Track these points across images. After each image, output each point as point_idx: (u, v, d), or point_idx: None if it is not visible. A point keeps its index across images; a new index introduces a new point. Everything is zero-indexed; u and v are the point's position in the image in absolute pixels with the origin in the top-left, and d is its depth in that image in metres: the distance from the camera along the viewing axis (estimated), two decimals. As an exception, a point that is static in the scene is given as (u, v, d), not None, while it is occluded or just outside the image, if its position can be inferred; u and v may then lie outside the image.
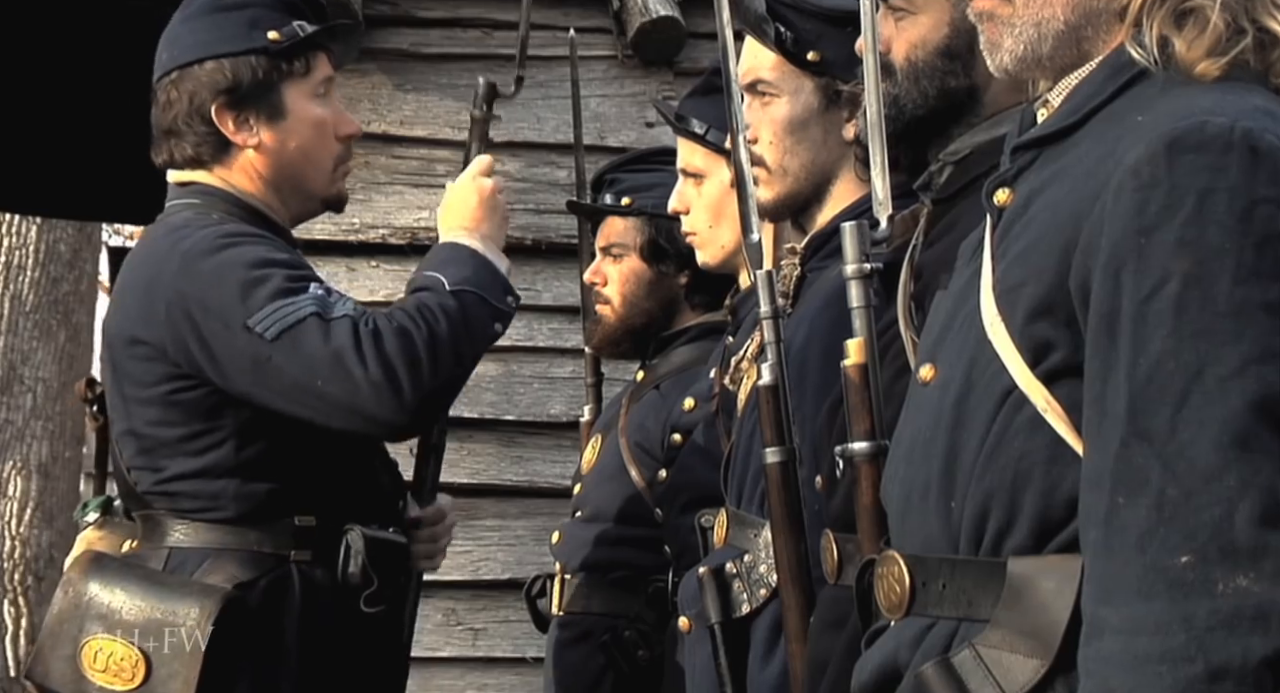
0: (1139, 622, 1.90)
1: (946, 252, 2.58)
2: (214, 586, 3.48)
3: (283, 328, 3.41)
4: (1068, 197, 2.06)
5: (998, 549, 2.09)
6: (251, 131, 3.65)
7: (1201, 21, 2.08)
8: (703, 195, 3.94)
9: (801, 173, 3.35)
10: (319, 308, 3.43)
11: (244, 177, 3.68)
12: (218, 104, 3.63)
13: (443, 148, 5.66)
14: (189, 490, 3.55)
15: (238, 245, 3.51)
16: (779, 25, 3.32)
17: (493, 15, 5.71)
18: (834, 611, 2.76)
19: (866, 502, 2.48)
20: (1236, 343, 1.91)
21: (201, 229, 3.55)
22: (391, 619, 3.74)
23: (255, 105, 3.64)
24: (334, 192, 3.76)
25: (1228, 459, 1.89)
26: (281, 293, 3.44)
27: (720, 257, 3.96)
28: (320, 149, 3.71)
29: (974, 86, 2.78)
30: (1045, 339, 2.05)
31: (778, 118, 3.36)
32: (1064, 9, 2.16)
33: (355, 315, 3.44)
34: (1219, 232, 1.93)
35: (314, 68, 3.69)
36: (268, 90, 3.64)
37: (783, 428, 3.02)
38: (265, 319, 3.42)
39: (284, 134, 3.67)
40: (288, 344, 3.41)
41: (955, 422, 2.13)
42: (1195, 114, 1.99)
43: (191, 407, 3.53)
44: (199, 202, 3.66)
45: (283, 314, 3.42)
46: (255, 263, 3.48)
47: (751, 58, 3.38)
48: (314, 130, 3.69)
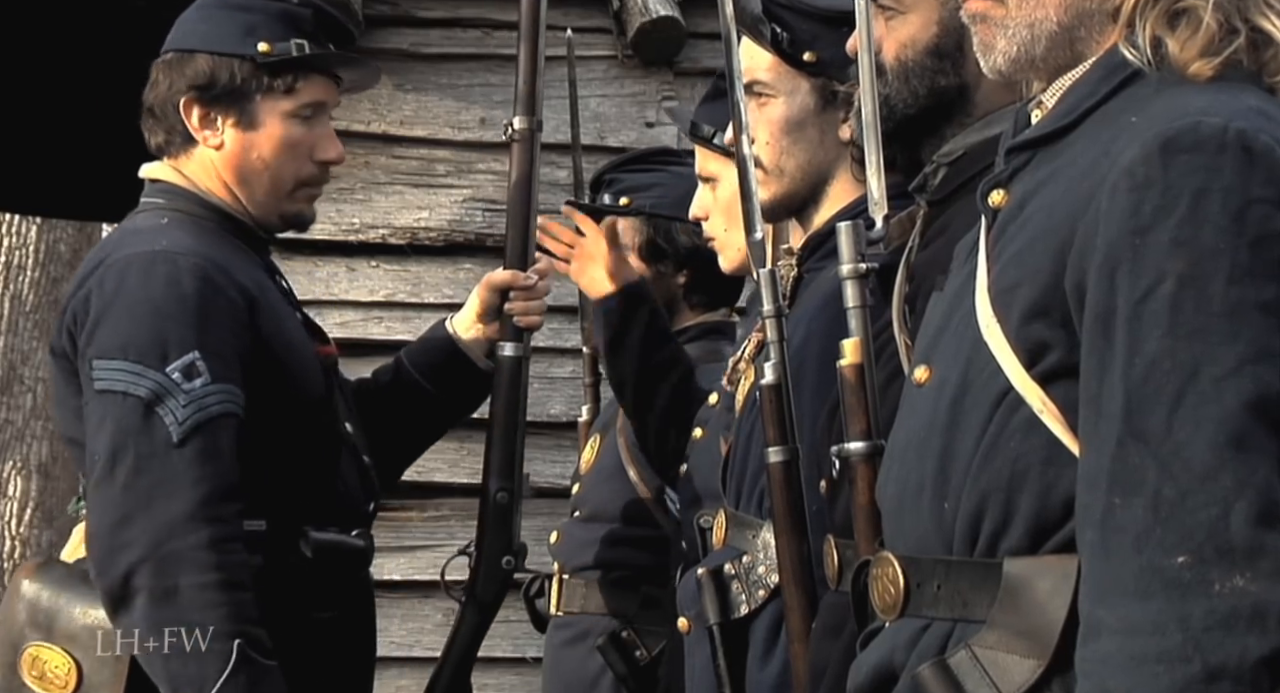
0: (1136, 622, 1.90)
1: (941, 253, 2.58)
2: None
3: (106, 389, 3.38)
4: (1062, 197, 2.06)
5: (993, 550, 2.09)
6: (216, 131, 3.63)
7: (1195, 22, 2.08)
8: (718, 199, 3.94)
9: (798, 173, 3.36)
10: (153, 394, 3.38)
11: (205, 174, 3.65)
12: (188, 97, 3.61)
13: (443, 148, 5.66)
14: None
15: (161, 274, 3.44)
16: (775, 26, 3.33)
17: (493, 15, 5.71)
18: (834, 617, 2.76)
19: (862, 502, 2.48)
20: (1232, 343, 1.91)
21: (141, 243, 3.51)
22: (352, 624, 3.67)
23: (226, 107, 3.62)
24: (293, 210, 3.71)
25: (1223, 459, 1.89)
26: (139, 352, 3.39)
27: (738, 260, 3.95)
28: (285, 167, 3.66)
29: (964, 85, 2.79)
30: (1041, 340, 2.05)
31: (774, 118, 3.36)
32: (1057, 10, 2.16)
33: (188, 426, 3.37)
34: (1214, 232, 1.93)
35: (299, 90, 3.65)
36: (242, 98, 3.62)
37: (785, 427, 3.02)
38: (104, 370, 3.39)
39: (249, 143, 3.63)
40: (98, 406, 3.38)
41: (950, 423, 2.13)
42: (1189, 114, 1.99)
43: None
44: (161, 201, 3.64)
45: (118, 376, 3.38)
46: (159, 299, 3.41)
47: (748, 59, 3.39)
48: (283, 148, 3.64)
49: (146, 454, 3.35)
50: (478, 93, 5.53)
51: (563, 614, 4.48)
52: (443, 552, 5.44)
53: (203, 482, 3.34)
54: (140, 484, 3.33)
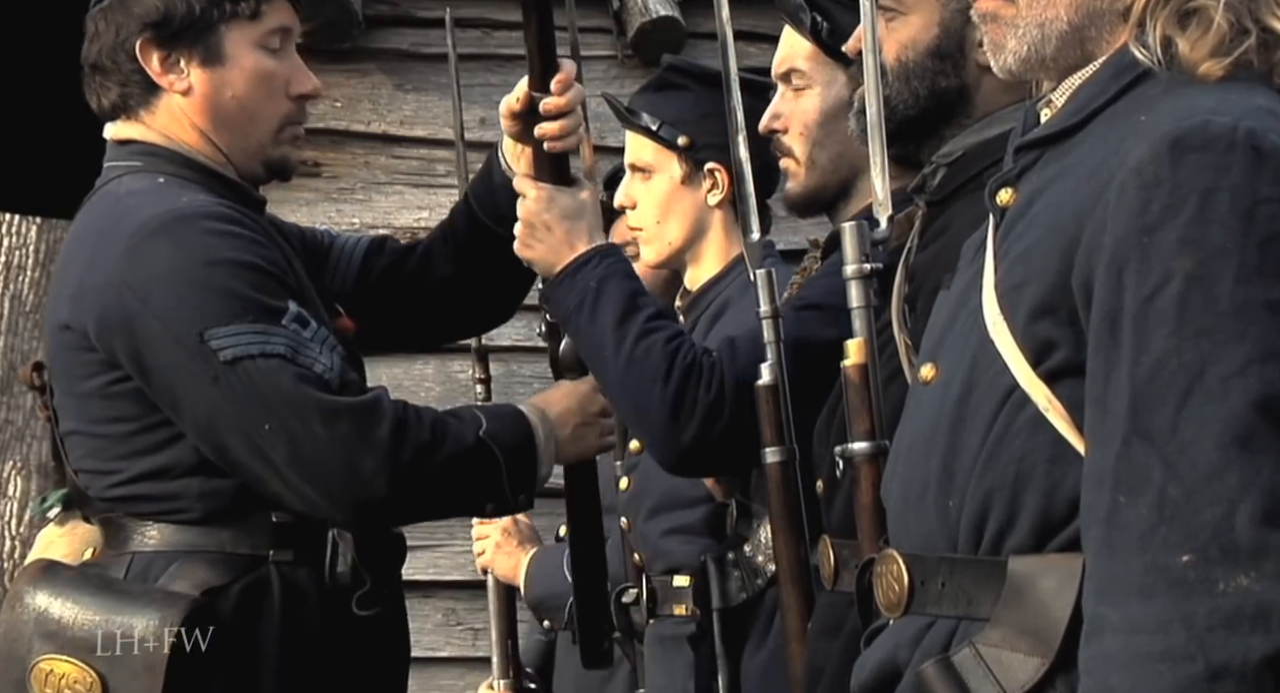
0: (1139, 621, 1.90)
1: (940, 254, 2.59)
2: (178, 593, 3.09)
3: (243, 355, 3.03)
4: (1070, 196, 2.07)
5: (998, 548, 2.09)
6: (181, 74, 3.20)
7: (1205, 22, 2.08)
8: (650, 191, 3.94)
9: (829, 166, 3.34)
10: (289, 350, 3.05)
11: (176, 125, 3.23)
12: (143, 38, 3.17)
13: (443, 148, 5.66)
14: (147, 492, 3.16)
15: (205, 233, 3.09)
16: (816, 14, 3.31)
17: (493, 15, 5.71)
18: (830, 616, 2.77)
19: (866, 502, 2.49)
20: (1238, 342, 1.91)
21: (155, 204, 3.12)
22: (390, 622, 3.34)
23: (188, 45, 3.19)
24: (278, 155, 3.29)
25: (1229, 458, 1.90)
26: (253, 313, 3.05)
27: (666, 254, 3.95)
28: (263, 105, 3.24)
29: (964, 87, 2.80)
30: (1047, 338, 2.05)
31: (809, 109, 3.34)
32: (1067, 10, 2.17)
33: (332, 377, 3.07)
34: (1221, 231, 1.94)
35: (264, 13, 3.22)
36: (203, 30, 3.19)
37: (782, 427, 3.02)
38: (225, 337, 3.03)
39: (219, 81, 3.20)
40: (242, 374, 3.02)
41: (956, 421, 2.13)
42: (1198, 113, 1.99)
43: (136, 398, 3.12)
44: (140, 163, 3.24)
45: (247, 340, 3.03)
46: (225, 262, 3.07)
47: (787, 47, 3.37)
48: (257, 82, 3.22)
49: (315, 403, 3.04)
50: (478, 93, 5.53)
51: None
52: (443, 552, 5.45)
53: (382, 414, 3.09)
54: (341, 428, 3.04)
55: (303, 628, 3.17)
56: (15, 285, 10.92)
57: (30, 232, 10.88)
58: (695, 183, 3.90)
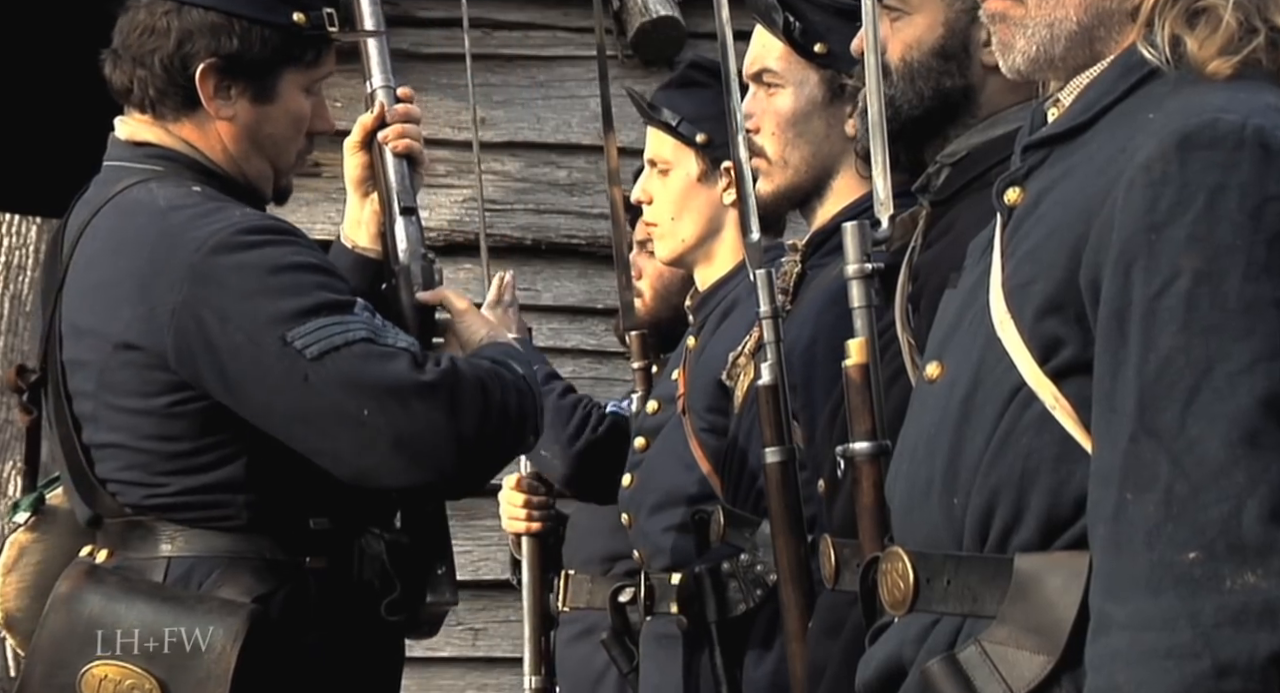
0: (1146, 618, 1.90)
1: (944, 253, 2.59)
2: (235, 601, 3.08)
3: (328, 347, 3.03)
4: (1078, 194, 2.07)
5: (1003, 546, 2.10)
6: (229, 102, 3.24)
7: (1214, 21, 2.08)
8: (668, 187, 3.95)
9: (802, 166, 3.35)
10: (370, 333, 3.06)
11: (205, 141, 3.27)
12: (207, 64, 3.21)
13: (443, 148, 5.66)
14: (191, 502, 3.15)
15: (263, 245, 3.11)
16: (788, 14, 3.32)
17: (493, 15, 5.71)
18: (831, 616, 2.77)
19: (868, 502, 2.49)
20: (1246, 339, 1.92)
21: (209, 221, 3.13)
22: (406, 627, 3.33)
23: (246, 79, 3.24)
24: (285, 184, 3.38)
25: (1236, 456, 1.90)
26: (326, 308, 3.06)
27: (679, 251, 3.96)
28: (290, 142, 3.32)
29: (969, 87, 2.80)
30: (1055, 336, 2.05)
31: (781, 109, 3.36)
32: (1076, 9, 2.17)
33: (416, 350, 3.09)
34: (1230, 229, 1.94)
35: (323, 62, 3.32)
36: (266, 71, 3.24)
37: (782, 428, 3.02)
38: (307, 336, 3.03)
39: (262, 116, 3.27)
40: (331, 366, 3.02)
41: (962, 418, 2.14)
42: (1207, 111, 2.00)
43: (196, 418, 3.13)
44: (160, 168, 3.25)
45: (329, 332, 3.04)
46: (290, 267, 3.10)
47: (759, 47, 3.39)
48: (292, 122, 3.30)
49: (410, 382, 3.05)
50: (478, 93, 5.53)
51: (569, 610, 4.48)
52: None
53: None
54: (439, 401, 3.03)
55: (340, 634, 3.18)
56: (15, 285, 10.92)
57: (30, 232, 10.88)
58: (711, 181, 3.91)
